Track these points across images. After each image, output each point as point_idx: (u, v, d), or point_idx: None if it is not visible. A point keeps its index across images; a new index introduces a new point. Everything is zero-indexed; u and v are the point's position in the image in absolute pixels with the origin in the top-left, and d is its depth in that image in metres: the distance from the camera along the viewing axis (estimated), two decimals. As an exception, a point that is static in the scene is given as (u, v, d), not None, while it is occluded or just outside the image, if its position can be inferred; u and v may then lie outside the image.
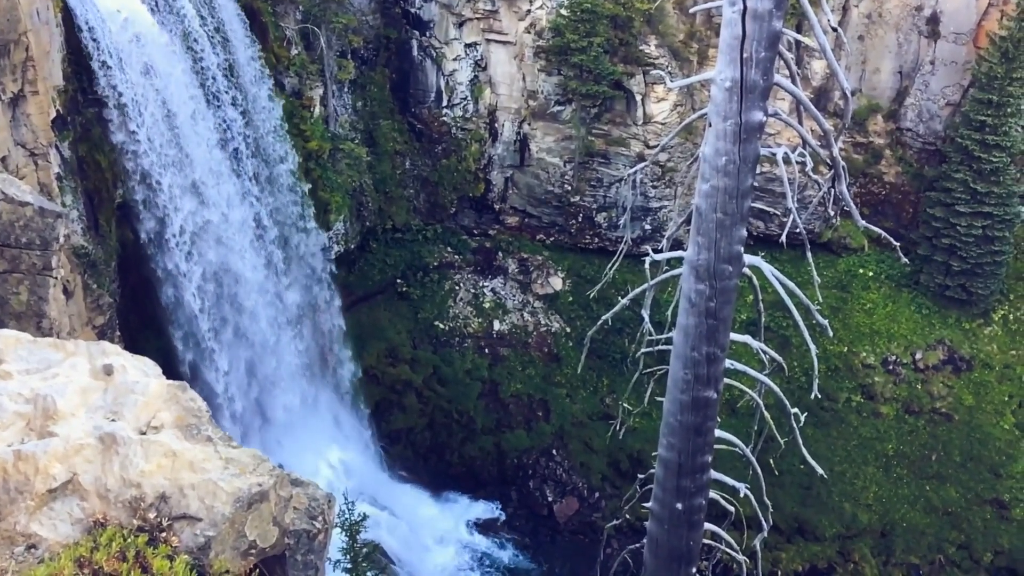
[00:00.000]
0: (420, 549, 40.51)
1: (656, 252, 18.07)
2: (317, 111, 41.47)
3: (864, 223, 16.64)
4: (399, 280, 47.12)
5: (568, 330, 47.03)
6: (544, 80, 45.29)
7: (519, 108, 46.44)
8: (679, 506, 18.84)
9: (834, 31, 14.29)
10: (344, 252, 43.93)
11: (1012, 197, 43.02)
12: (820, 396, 20.58)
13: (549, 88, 45.33)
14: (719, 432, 18.86)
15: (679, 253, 17.33)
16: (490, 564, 41.39)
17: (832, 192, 16.11)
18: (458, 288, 47.83)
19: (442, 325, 46.68)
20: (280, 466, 9.87)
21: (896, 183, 47.13)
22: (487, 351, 46.54)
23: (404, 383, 44.94)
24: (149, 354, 10.94)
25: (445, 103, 47.11)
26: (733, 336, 17.88)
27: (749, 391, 19.60)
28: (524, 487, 44.22)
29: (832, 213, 16.84)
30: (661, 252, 18.15)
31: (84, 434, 9.05)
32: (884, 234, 17.40)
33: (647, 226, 47.14)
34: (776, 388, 18.83)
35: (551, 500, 43.75)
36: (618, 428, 22.67)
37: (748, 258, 16.76)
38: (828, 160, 15.80)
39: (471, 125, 47.31)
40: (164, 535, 8.68)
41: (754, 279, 18.09)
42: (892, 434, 44.08)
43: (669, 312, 18.86)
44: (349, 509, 27.43)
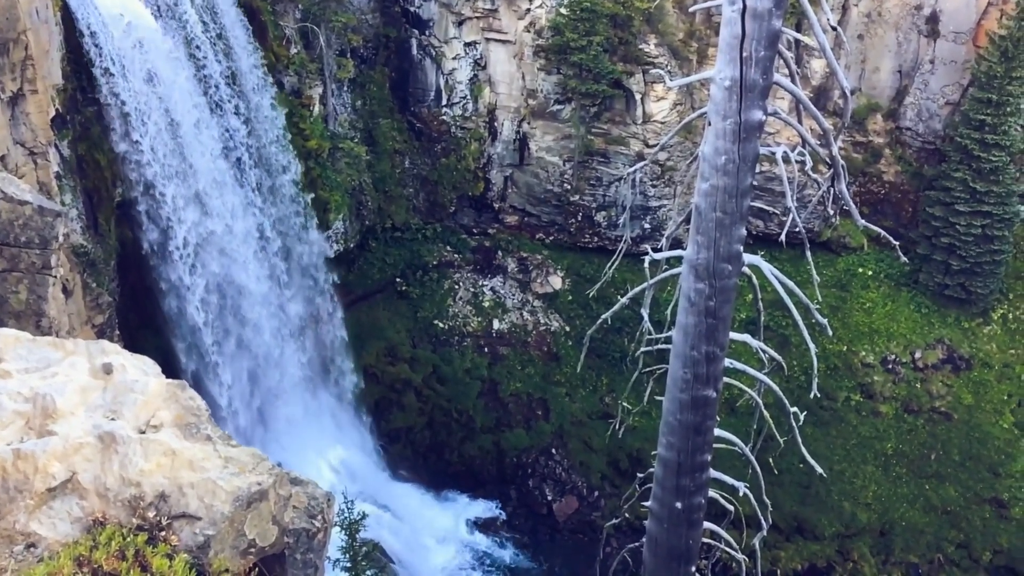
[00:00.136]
0: (420, 548, 40.51)
1: (655, 251, 18.06)
2: (316, 110, 41.45)
3: (863, 222, 16.64)
4: (398, 279, 47.11)
5: (567, 329, 47.03)
6: (543, 79, 45.28)
7: (518, 107, 46.44)
8: (678, 505, 18.85)
9: (833, 30, 14.29)
10: (343, 251, 43.92)
11: (1011, 196, 43.03)
12: (819, 395, 20.57)
13: (548, 87, 45.33)
14: (718, 431, 18.87)
15: (678, 252, 17.33)
16: (490, 563, 41.39)
17: (831, 191, 16.11)
18: (457, 287, 47.83)
19: (441, 324, 46.68)
20: (279, 465, 9.87)
21: (895, 182, 47.14)
22: (486, 350, 46.54)
23: (403, 382, 44.93)
24: (148, 353, 10.94)
25: (444, 102, 47.11)
26: (732, 335, 17.88)
27: (748, 390, 19.61)
28: (524, 486, 44.22)
29: (831, 212, 16.84)
30: (660, 251, 18.15)
31: (83, 433, 9.04)
32: (883, 233, 17.41)
33: (646, 225, 47.15)
34: (775, 387, 18.83)
35: (550, 499, 43.76)
36: (617, 427, 22.65)
37: (747, 257, 16.76)
38: (827, 159, 15.80)
39: (470, 124, 47.31)
40: (163, 534, 8.68)
41: (753, 278, 18.10)
42: (891, 433, 44.09)
43: (668, 311, 18.87)
44: (348, 508, 27.44)
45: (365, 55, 45.18)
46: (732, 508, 20.41)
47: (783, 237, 19.14)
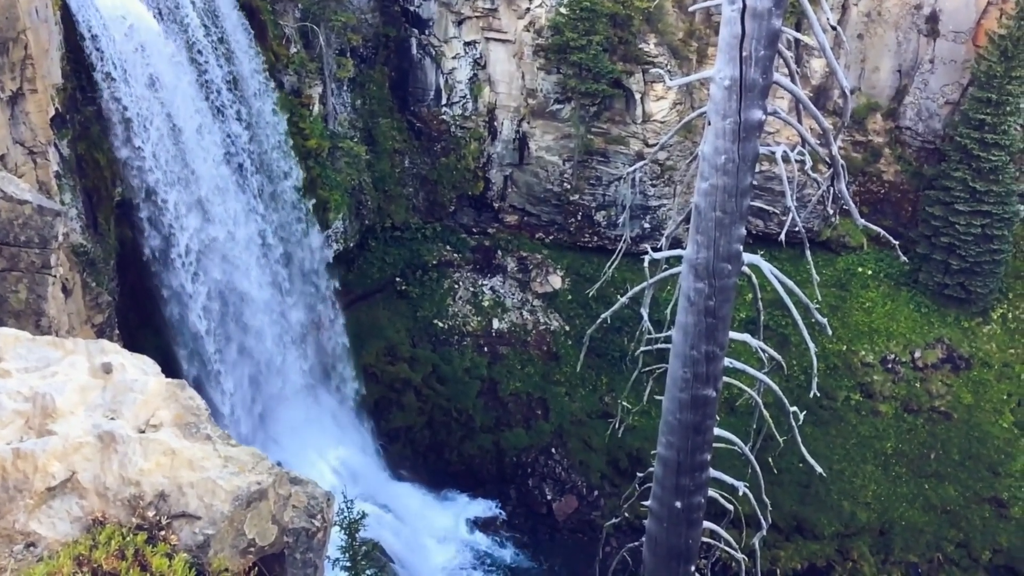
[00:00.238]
0: (419, 548, 40.51)
1: (655, 250, 18.06)
2: (316, 109, 41.44)
3: (863, 222, 16.63)
4: (398, 278, 47.10)
5: (567, 328, 47.03)
6: (543, 78, 45.27)
7: (518, 106, 46.43)
8: (678, 504, 18.85)
9: (833, 29, 14.29)
10: (343, 250, 43.92)
11: (1011, 196, 43.04)
12: (819, 395, 20.56)
13: (548, 86, 45.32)
14: (718, 430, 18.86)
15: (678, 252, 17.33)
16: (490, 563, 41.39)
17: (831, 190, 16.11)
18: (457, 286, 47.82)
19: (441, 323, 46.67)
20: (279, 464, 9.87)
21: (895, 182, 47.13)
22: (486, 349, 46.54)
23: (403, 381, 44.93)
24: (148, 353, 10.94)
25: (444, 101, 47.10)
26: (732, 334, 17.88)
27: (748, 389, 19.60)
28: (523, 485, 44.22)
29: (831, 211, 16.84)
30: (660, 250, 18.14)
31: (83, 432, 9.04)
32: (883, 233, 17.42)
33: (646, 224, 47.14)
34: (775, 386, 18.83)
35: (550, 498, 43.76)
36: (617, 426, 22.64)
37: (747, 256, 16.76)
38: (827, 158, 15.80)
39: (470, 123, 47.30)
40: (163, 533, 8.68)
41: (753, 277, 18.09)
42: (891, 432, 44.10)
43: (668, 310, 18.87)
44: (348, 507, 27.40)
45: (365, 54, 45.16)
46: (732, 507, 20.41)
47: (783, 236, 19.12)
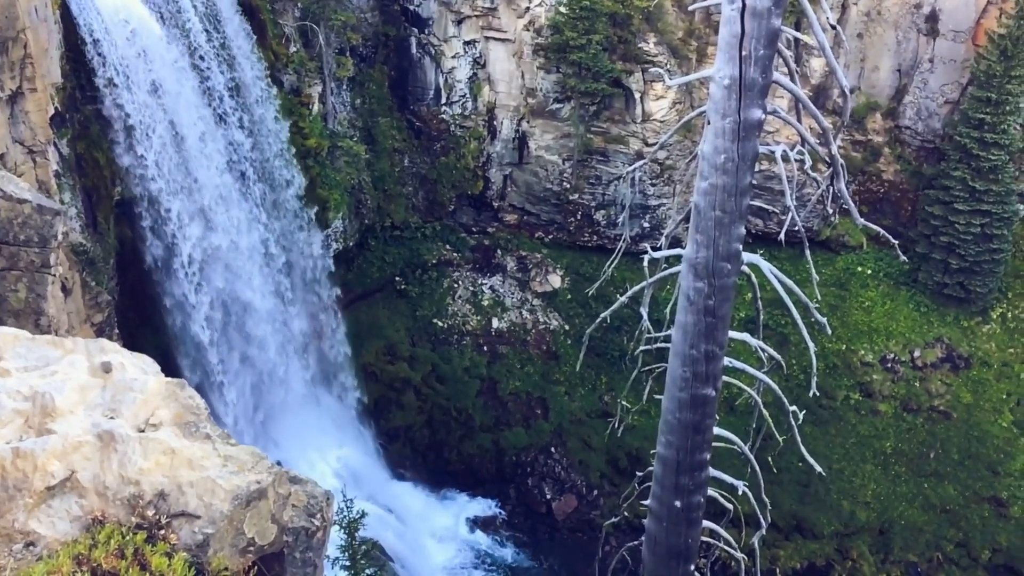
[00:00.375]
0: (419, 547, 40.53)
1: (655, 250, 18.04)
2: (316, 108, 41.43)
3: (863, 221, 16.61)
4: (398, 278, 47.10)
5: (567, 328, 47.03)
6: (543, 78, 45.27)
7: (518, 106, 46.42)
8: (678, 504, 18.84)
9: (833, 29, 14.29)
10: (343, 250, 43.93)
11: (1010, 195, 43.05)
12: (818, 394, 20.58)
13: (548, 86, 45.32)
14: (718, 430, 18.85)
15: (678, 251, 17.32)
16: (490, 562, 41.41)
17: (831, 190, 16.10)
18: (457, 286, 47.81)
19: (441, 323, 46.67)
20: (279, 463, 9.87)
21: (895, 181, 47.13)
22: (486, 349, 46.53)
23: (403, 381, 44.93)
24: (148, 352, 10.93)
25: (444, 101, 47.09)
26: (732, 334, 17.87)
27: (748, 389, 19.59)
28: (523, 485, 44.23)
29: (831, 211, 16.83)
30: (660, 250, 18.12)
31: (82, 432, 9.03)
32: (883, 232, 17.39)
33: (646, 224, 47.14)
34: (775, 386, 18.81)
35: (550, 498, 43.77)
36: (616, 426, 22.63)
37: (747, 256, 16.75)
38: (827, 158, 15.79)
39: (470, 123, 47.29)
40: (162, 532, 8.67)
41: (753, 277, 18.07)
42: (890, 432, 44.11)
43: (668, 310, 18.85)
44: (348, 507, 27.42)
45: (364, 53, 45.16)
46: (731, 507, 20.40)
47: (782, 236, 19.09)
